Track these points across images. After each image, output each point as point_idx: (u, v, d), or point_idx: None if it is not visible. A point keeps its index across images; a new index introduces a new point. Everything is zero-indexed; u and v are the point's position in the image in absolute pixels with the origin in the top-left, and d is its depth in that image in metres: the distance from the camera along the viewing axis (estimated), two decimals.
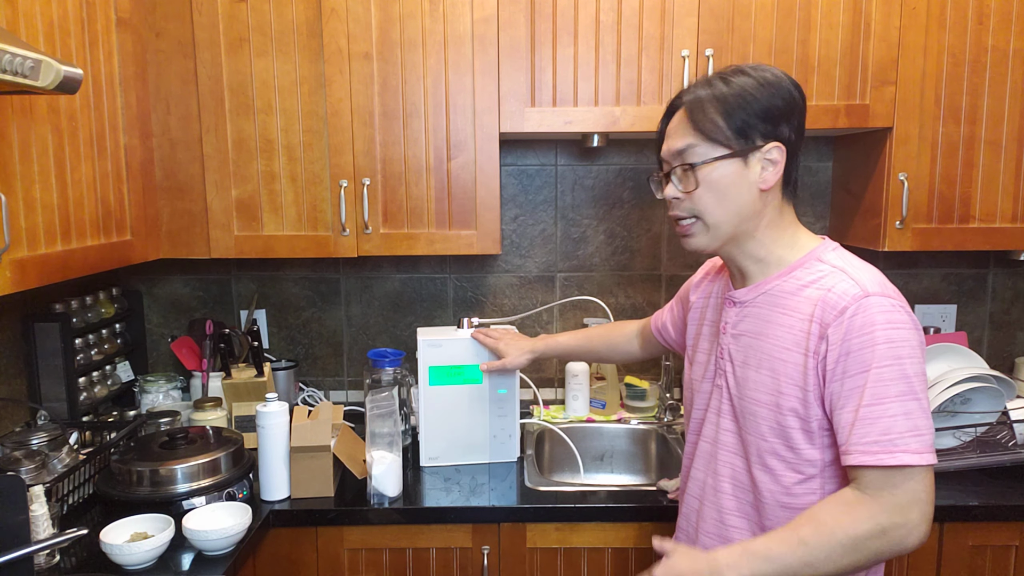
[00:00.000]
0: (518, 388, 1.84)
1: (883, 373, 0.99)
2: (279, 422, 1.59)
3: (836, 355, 1.03)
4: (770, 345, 1.11)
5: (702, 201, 1.11)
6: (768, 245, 1.14)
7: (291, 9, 1.80)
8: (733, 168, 1.09)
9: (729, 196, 1.10)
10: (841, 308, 1.03)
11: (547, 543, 1.62)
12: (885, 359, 1.00)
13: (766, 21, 1.79)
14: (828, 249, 1.13)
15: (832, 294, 1.05)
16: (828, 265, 1.10)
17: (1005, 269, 2.22)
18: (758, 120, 1.07)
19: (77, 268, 1.47)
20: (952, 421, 1.73)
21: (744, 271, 1.17)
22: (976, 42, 1.78)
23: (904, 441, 0.98)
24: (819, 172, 2.19)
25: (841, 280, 1.06)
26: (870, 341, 1.00)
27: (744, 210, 1.11)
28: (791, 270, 1.12)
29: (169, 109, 1.83)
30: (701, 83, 1.13)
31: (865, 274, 1.07)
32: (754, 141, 1.08)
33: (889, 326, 1.01)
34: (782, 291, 1.12)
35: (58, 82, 1.13)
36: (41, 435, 1.53)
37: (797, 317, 1.08)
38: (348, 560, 1.62)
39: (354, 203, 1.85)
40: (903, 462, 0.97)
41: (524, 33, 1.80)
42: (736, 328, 1.18)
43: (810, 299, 1.07)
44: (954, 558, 1.60)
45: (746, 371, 1.15)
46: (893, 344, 1.00)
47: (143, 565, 1.33)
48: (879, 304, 1.02)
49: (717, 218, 1.11)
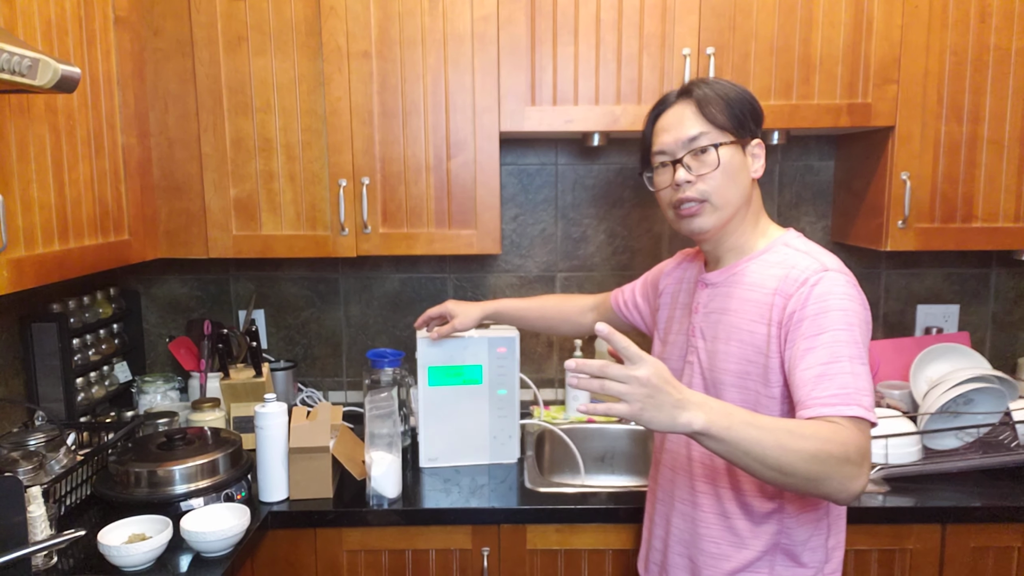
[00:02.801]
0: (518, 389, 1.83)
1: (839, 335, 1.09)
2: (278, 423, 1.59)
3: (796, 319, 1.12)
4: (737, 319, 1.21)
5: (715, 181, 1.20)
6: (747, 233, 1.26)
7: (290, 7, 1.79)
8: (738, 155, 1.22)
9: (736, 179, 1.21)
10: (803, 280, 1.14)
11: (547, 544, 1.61)
12: (840, 323, 1.09)
13: (767, 19, 1.78)
14: (793, 237, 1.26)
15: (795, 269, 1.16)
16: (792, 248, 1.22)
17: (1008, 269, 2.21)
18: (749, 117, 1.22)
19: (75, 268, 1.46)
20: (954, 422, 1.72)
21: (719, 257, 1.28)
22: (978, 41, 1.78)
23: (859, 397, 1.06)
24: (821, 171, 2.19)
25: (804, 258, 1.18)
26: (827, 307, 1.11)
27: (743, 194, 1.23)
28: (759, 255, 1.24)
29: (167, 108, 1.82)
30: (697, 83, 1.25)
31: (825, 255, 1.19)
32: (750, 134, 1.23)
33: (845, 297, 1.12)
34: (750, 271, 1.23)
35: (56, 81, 1.13)
36: (39, 436, 1.52)
37: (762, 292, 1.19)
38: (347, 562, 1.61)
39: (353, 202, 1.84)
40: (858, 414, 1.04)
41: (524, 31, 1.79)
42: (707, 307, 1.28)
43: (775, 275, 1.18)
44: (956, 560, 1.60)
45: (716, 344, 1.24)
46: (847, 312, 1.10)
47: (141, 566, 1.32)
48: (836, 278, 1.13)
49: (726, 198, 1.21)
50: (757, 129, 1.25)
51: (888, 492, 1.62)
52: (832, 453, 1.00)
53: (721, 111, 1.20)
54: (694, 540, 1.27)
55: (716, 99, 1.21)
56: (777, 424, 1.02)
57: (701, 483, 1.26)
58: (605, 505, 1.60)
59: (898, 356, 2.05)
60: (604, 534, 1.61)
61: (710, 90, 1.22)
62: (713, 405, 1.00)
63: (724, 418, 0.98)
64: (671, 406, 0.96)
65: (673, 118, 1.24)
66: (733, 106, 1.21)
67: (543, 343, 2.26)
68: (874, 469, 1.66)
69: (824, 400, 1.06)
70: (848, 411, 1.04)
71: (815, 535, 1.22)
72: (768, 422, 1.02)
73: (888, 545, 1.60)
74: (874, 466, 1.67)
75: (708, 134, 1.21)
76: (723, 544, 1.23)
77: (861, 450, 1.03)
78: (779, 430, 1.01)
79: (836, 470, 1.01)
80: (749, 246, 1.26)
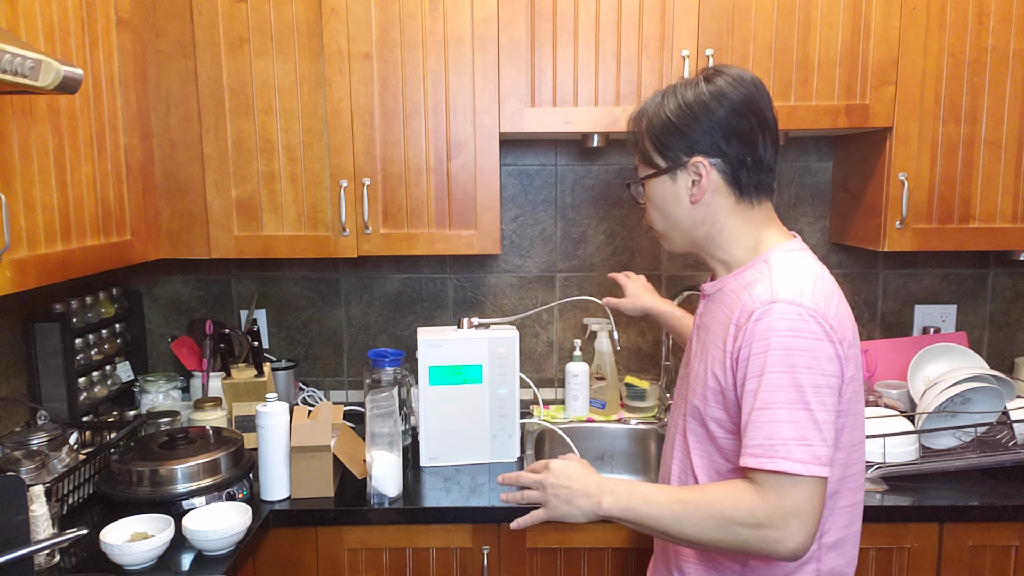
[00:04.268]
0: (518, 388, 1.84)
1: (773, 379, 1.01)
2: (279, 422, 1.59)
3: (742, 356, 1.05)
4: (709, 340, 1.16)
5: (649, 214, 1.23)
6: (727, 248, 1.17)
7: (291, 9, 1.80)
8: (662, 185, 1.17)
9: (665, 210, 1.18)
10: (750, 312, 1.06)
11: (547, 543, 1.62)
12: (778, 365, 1.00)
13: (766, 21, 1.79)
14: (782, 250, 1.13)
15: (749, 299, 1.07)
16: (767, 267, 1.11)
17: (1005, 269, 2.22)
18: (679, 139, 1.13)
19: (77, 268, 1.47)
20: (952, 421, 1.73)
21: (713, 269, 1.23)
22: (976, 42, 1.78)
23: (787, 448, 0.98)
24: (819, 172, 2.19)
25: (762, 284, 1.08)
26: (765, 347, 1.02)
27: (681, 221, 1.17)
28: (742, 271, 1.16)
29: (169, 109, 1.83)
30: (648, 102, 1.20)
31: (788, 280, 1.06)
32: (677, 160, 1.14)
33: (789, 333, 1.01)
34: (730, 289, 1.16)
35: (58, 82, 1.13)
36: (41, 435, 1.53)
37: (728, 316, 1.12)
38: (348, 560, 1.62)
39: (354, 203, 1.85)
40: (782, 468, 0.98)
41: (524, 33, 1.80)
42: (700, 320, 1.24)
43: (739, 300, 1.10)
44: (954, 558, 1.60)
45: (696, 363, 1.20)
46: (789, 352, 1.00)
47: (143, 565, 1.33)
48: (783, 311, 1.02)
49: (662, 228, 1.22)
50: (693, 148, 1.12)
51: (886, 491, 1.63)
52: (734, 519, 1.00)
53: (645, 142, 1.17)
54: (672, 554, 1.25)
55: (642, 129, 1.18)
56: (675, 496, 1.05)
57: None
58: None
59: (896, 356, 2.06)
60: (603, 533, 1.61)
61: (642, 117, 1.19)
62: (616, 487, 1.07)
63: (624, 497, 1.07)
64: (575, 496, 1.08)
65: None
66: (656, 134, 1.15)
67: (543, 343, 2.26)
68: (872, 468, 1.67)
69: (749, 450, 1.01)
70: (769, 464, 0.98)
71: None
72: (666, 496, 1.06)
73: (886, 544, 1.60)
74: (871, 465, 1.67)
75: (638, 167, 1.21)
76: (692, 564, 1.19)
77: (783, 510, 0.98)
78: (675, 504, 1.04)
79: (747, 535, 0.99)
80: (735, 260, 1.18)
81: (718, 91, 1.11)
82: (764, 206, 1.17)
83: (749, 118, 1.12)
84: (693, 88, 1.13)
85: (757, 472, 1.01)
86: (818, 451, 0.98)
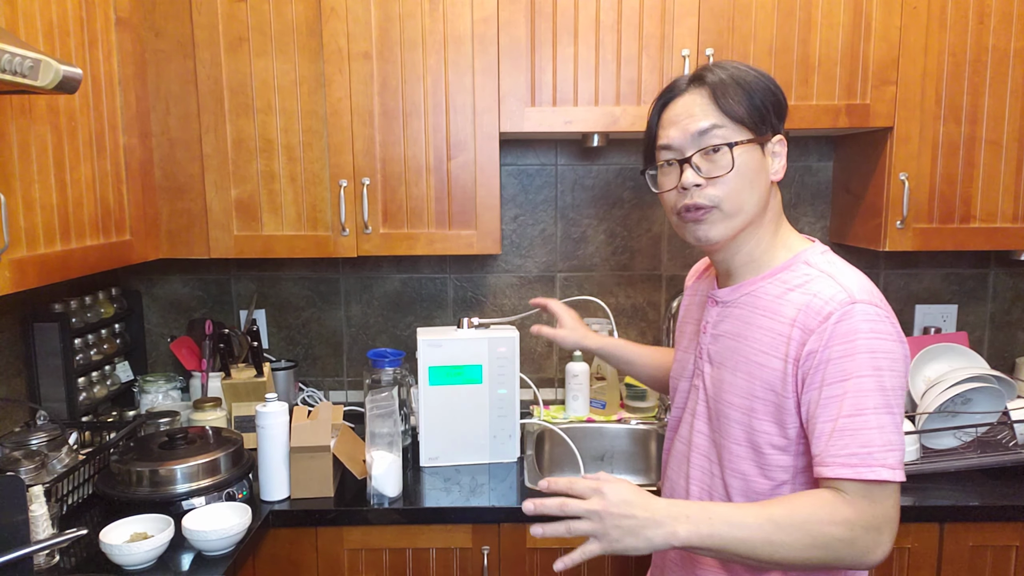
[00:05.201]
0: (518, 388, 1.84)
1: (863, 383, 0.95)
2: (279, 422, 1.59)
3: (816, 362, 0.98)
4: (748, 348, 1.07)
5: (727, 186, 1.04)
6: (763, 244, 1.10)
7: (290, 9, 1.79)
8: (756, 155, 1.06)
9: (754, 183, 1.06)
10: (826, 314, 0.98)
11: (547, 543, 1.62)
12: (865, 369, 0.95)
13: (766, 20, 1.78)
14: (816, 252, 1.09)
15: (817, 299, 1.00)
16: (815, 269, 1.05)
17: (1006, 269, 2.21)
18: (771, 110, 1.06)
19: (76, 268, 1.47)
20: (952, 421, 1.73)
21: (731, 270, 1.13)
22: (977, 42, 1.78)
23: (882, 455, 0.94)
24: (819, 172, 2.19)
25: (828, 285, 1.01)
26: (852, 349, 0.96)
27: (760, 200, 1.07)
28: (776, 272, 1.08)
29: (168, 109, 1.83)
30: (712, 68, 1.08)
31: (853, 280, 1.02)
32: (768, 130, 1.06)
33: (873, 335, 0.97)
34: (766, 293, 1.07)
35: (57, 82, 1.13)
36: (40, 435, 1.53)
37: (779, 321, 1.03)
38: (348, 560, 1.62)
39: (354, 203, 1.84)
40: (882, 477, 0.94)
41: (524, 33, 1.80)
42: (716, 328, 1.14)
43: (794, 303, 1.02)
44: (954, 558, 1.60)
45: (722, 373, 1.10)
46: (875, 355, 0.96)
47: (143, 565, 1.33)
48: (864, 312, 0.97)
49: (739, 205, 1.06)
50: (779, 124, 1.08)
51: None
52: (834, 535, 0.93)
53: (739, 102, 1.04)
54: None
55: (734, 87, 1.04)
56: (763, 516, 0.94)
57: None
58: None
59: None
60: None
61: (728, 76, 1.05)
62: (690, 512, 0.93)
63: (704, 524, 0.92)
64: (643, 527, 0.92)
65: (682, 108, 1.08)
66: (754, 96, 1.04)
67: (543, 343, 2.26)
68: None
69: (843, 459, 0.95)
70: (870, 474, 0.93)
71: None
72: (752, 516, 0.94)
73: None
74: None
75: (723, 129, 1.04)
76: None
77: (877, 519, 0.94)
78: (766, 524, 0.93)
79: (843, 551, 0.94)
80: (766, 260, 1.09)
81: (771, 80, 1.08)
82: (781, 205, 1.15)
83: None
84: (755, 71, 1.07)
85: (850, 482, 0.95)
86: (900, 455, 0.96)
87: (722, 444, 1.10)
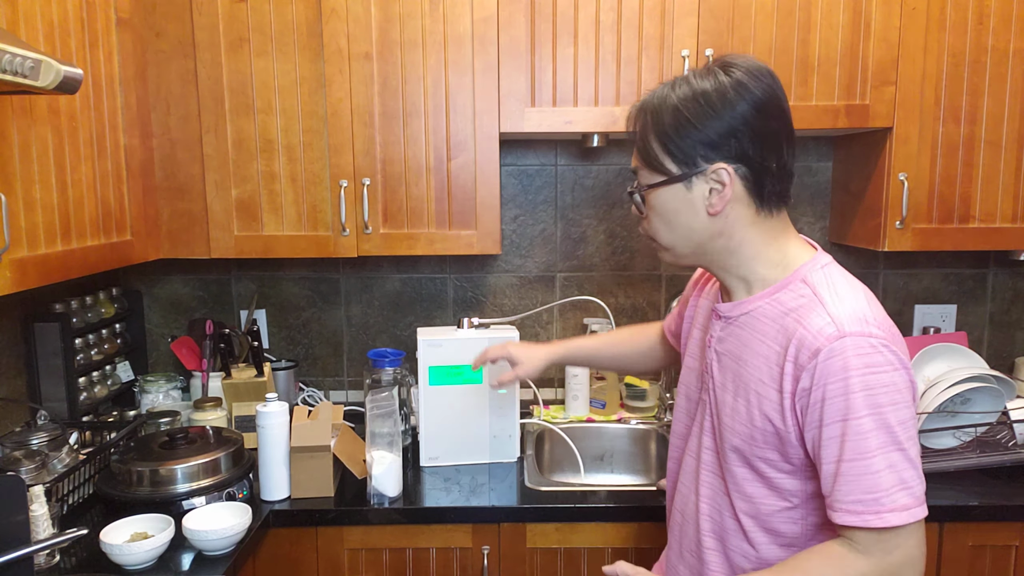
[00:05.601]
0: (518, 388, 1.84)
1: (862, 424, 0.91)
2: (279, 422, 1.59)
3: (811, 400, 0.95)
4: (747, 373, 1.04)
5: (652, 225, 1.08)
6: (749, 263, 1.06)
7: (291, 9, 1.80)
8: (674, 193, 1.03)
9: (676, 221, 1.04)
10: (815, 350, 0.94)
11: (547, 543, 1.62)
12: (862, 409, 0.91)
13: (766, 21, 1.79)
14: (816, 267, 1.03)
15: (808, 333, 0.96)
16: (811, 290, 1.00)
17: (1005, 269, 2.22)
18: (696, 144, 0.99)
19: (77, 268, 1.47)
20: (952, 421, 1.73)
21: (729, 286, 1.10)
22: (976, 42, 1.78)
23: (891, 499, 0.90)
24: (819, 172, 2.19)
25: (818, 315, 0.96)
26: (845, 388, 0.92)
27: (696, 234, 1.04)
28: (774, 291, 1.04)
29: (169, 109, 1.83)
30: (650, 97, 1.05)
31: (846, 306, 0.96)
32: (695, 165, 1.00)
33: (867, 370, 0.91)
34: (764, 315, 1.04)
35: (58, 82, 1.13)
36: (41, 435, 1.53)
37: (775, 349, 1.00)
38: (348, 560, 1.62)
39: (354, 203, 1.85)
40: (890, 523, 0.90)
41: (524, 33, 1.80)
42: (720, 345, 1.11)
43: (787, 331, 0.99)
44: (954, 558, 1.60)
45: (724, 395, 1.09)
46: (871, 392, 0.91)
47: (143, 565, 1.33)
48: (856, 346, 0.92)
49: (668, 242, 1.07)
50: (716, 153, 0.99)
51: None
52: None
53: (654, 144, 1.02)
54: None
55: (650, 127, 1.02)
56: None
57: (708, 538, 1.13)
58: (604, 504, 1.60)
59: None
60: (604, 532, 1.61)
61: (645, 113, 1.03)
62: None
63: None
64: None
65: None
66: (667, 134, 1.00)
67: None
68: None
69: (849, 507, 0.92)
70: (877, 522, 0.90)
71: None
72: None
73: None
74: None
75: (642, 171, 1.05)
76: None
77: (894, 566, 0.92)
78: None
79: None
80: (758, 278, 1.06)
81: (738, 84, 0.98)
82: (782, 215, 1.06)
83: (775, 118, 1.00)
84: (709, 79, 0.99)
85: (859, 531, 0.93)
86: (917, 491, 0.91)
87: (727, 465, 1.09)
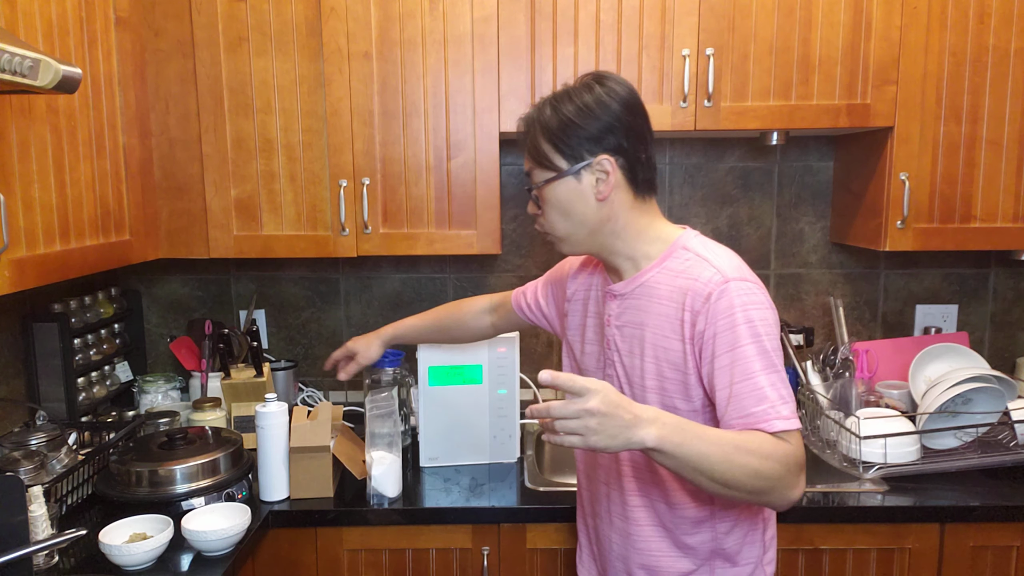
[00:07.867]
0: (518, 388, 1.84)
1: (747, 351, 1.08)
2: (278, 422, 1.59)
3: (707, 337, 1.12)
4: (651, 334, 1.19)
5: (548, 218, 1.22)
6: (633, 243, 1.21)
7: (290, 8, 1.79)
8: (567, 186, 1.18)
9: (570, 212, 1.19)
10: (706, 295, 1.12)
11: (547, 543, 1.62)
12: (746, 338, 1.09)
13: (767, 20, 1.78)
14: (691, 237, 1.21)
15: (698, 283, 1.13)
16: (692, 253, 1.18)
17: (1006, 269, 2.21)
18: (582, 141, 1.15)
19: (76, 268, 1.47)
20: (953, 421, 1.73)
21: (618, 268, 1.25)
22: (977, 41, 1.78)
23: (775, 410, 1.06)
24: (820, 172, 2.19)
25: (704, 268, 1.14)
26: (731, 323, 1.10)
27: (588, 221, 1.19)
28: (662, 261, 1.20)
29: (168, 109, 1.83)
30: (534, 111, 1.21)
31: (725, 260, 1.16)
32: (582, 159, 1.16)
33: (749, 306, 1.10)
34: (657, 282, 1.19)
35: (57, 81, 1.13)
36: (40, 435, 1.53)
37: (672, 307, 1.16)
38: (348, 561, 1.62)
39: (354, 203, 1.84)
40: (781, 428, 1.05)
41: (524, 32, 1.80)
42: (619, 320, 1.24)
43: (680, 288, 1.15)
44: (955, 559, 1.60)
45: (632, 359, 1.22)
46: (752, 324, 1.09)
47: (142, 566, 1.33)
48: (738, 288, 1.11)
49: (564, 232, 1.22)
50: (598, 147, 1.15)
51: (887, 491, 1.63)
52: (774, 468, 1.04)
53: (542, 144, 1.18)
54: (631, 555, 1.26)
55: (538, 132, 1.18)
56: (725, 438, 1.04)
57: (634, 497, 1.25)
58: None
59: (897, 356, 2.05)
60: None
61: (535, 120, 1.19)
62: (666, 420, 1.02)
63: (677, 433, 1.01)
64: (624, 427, 0.98)
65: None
66: (556, 136, 1.16)
67: (543, 343, 2.26)
68: (873, 469, 1.67)
69: (742, 419, 1.07)
70: (769, 427, 1.05)
71: (751, 532, 1.24)
72: (717, 436, 1.04)
73: (887, 544, 1.60)
74: (872, 466, 1.67)
75: (535, 171, 1.20)
76: (661, 557, 1.24)
77: (798, 461, 1.06)
78: (728, 444, 1.03)
79: (777, 483, 1.05)
80: (643, 254, 1.21)
81: (611, 91, 1.17)
82: (652, 202, 1.23)
83: (640, 116, 1.19)
84: (587, 90, 1.17)
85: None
86: (792, 406, 1.09)
87: None
